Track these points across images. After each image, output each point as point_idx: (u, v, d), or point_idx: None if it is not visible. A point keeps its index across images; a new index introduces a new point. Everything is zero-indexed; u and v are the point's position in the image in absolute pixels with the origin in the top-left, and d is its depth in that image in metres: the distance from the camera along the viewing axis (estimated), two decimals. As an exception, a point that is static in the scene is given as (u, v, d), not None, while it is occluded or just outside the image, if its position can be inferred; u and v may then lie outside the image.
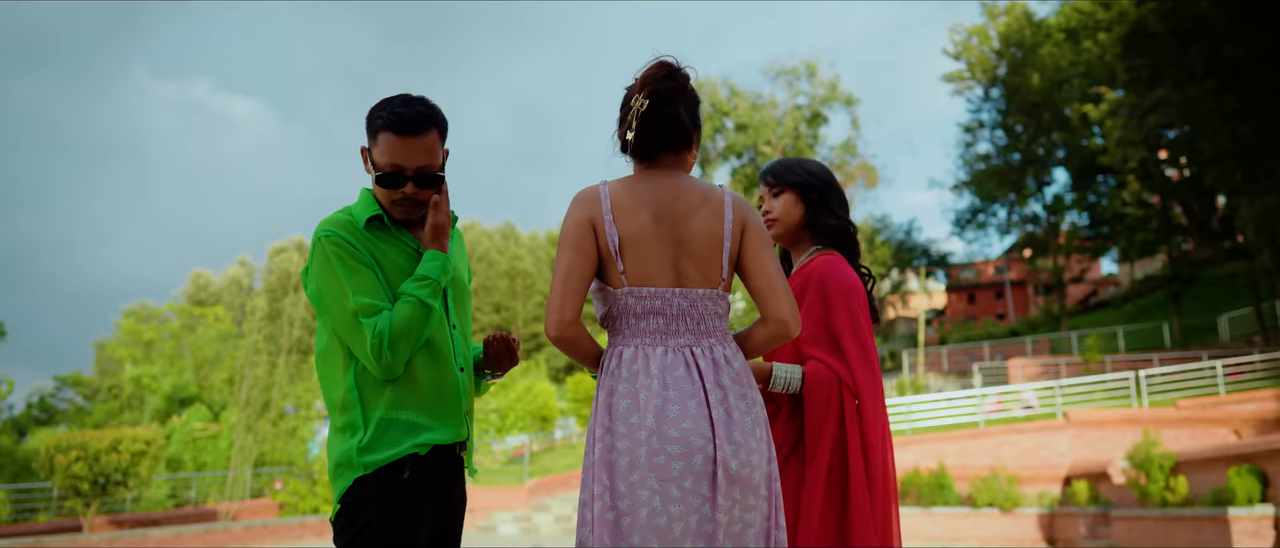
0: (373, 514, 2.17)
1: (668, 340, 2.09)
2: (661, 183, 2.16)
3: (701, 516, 1.95)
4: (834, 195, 2.69)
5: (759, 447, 2.04)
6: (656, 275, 2.10)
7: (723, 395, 2.05)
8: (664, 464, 1.96)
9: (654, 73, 2.15)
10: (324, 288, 2.26)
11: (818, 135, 53.83)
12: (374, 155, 2.32)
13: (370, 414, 2.23)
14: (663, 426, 1.98)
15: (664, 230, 2.11)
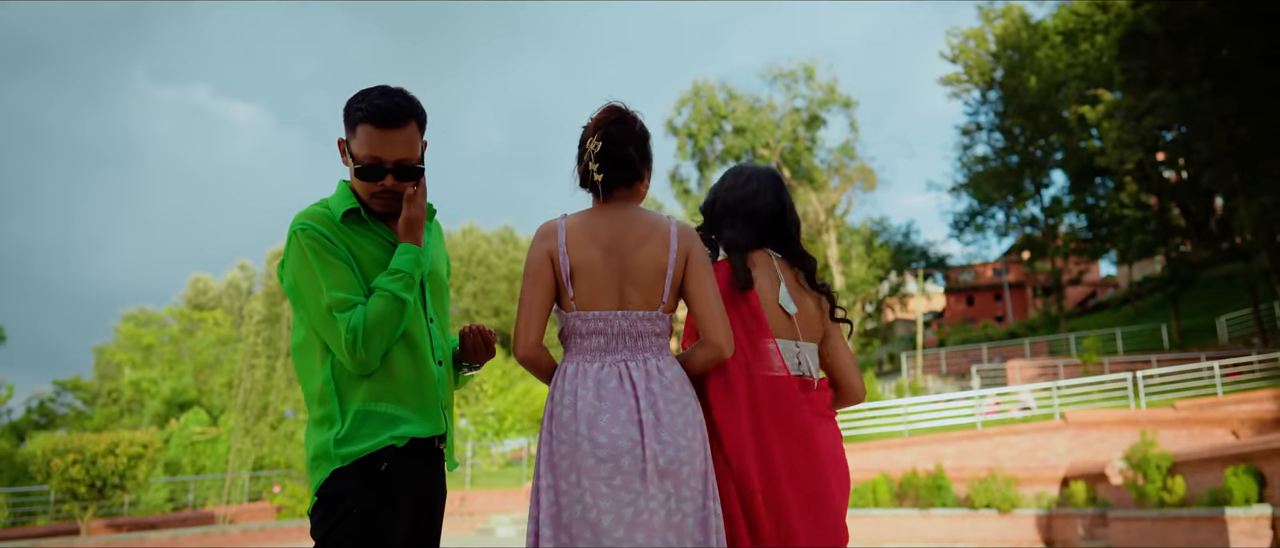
0: (349, 506, 2.16)
1: (606, 357, 2.34)
2: (614, 216, 2.40)
3: (635, 509, 2.19)
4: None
5: (689, 445, 2.26)
6: (601, 300, 2.35)
7: (653, 401, 2.28)
8: (593, 466, 2.21)
9: (605, 117, 2.40)
10: (299, 282, 2.25)
11: (816, 138, 53.87)
12: (352, 148, 2.31)
13: (347, 406, 2.23)
14: (593, 432, 2.24)
15: (613, 260, 2.36)
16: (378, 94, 2.29)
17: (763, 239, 2.67)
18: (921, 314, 42.75)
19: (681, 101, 54.31)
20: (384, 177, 2.30)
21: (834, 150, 53.79)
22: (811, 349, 2.62)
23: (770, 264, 2.64)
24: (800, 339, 2.58)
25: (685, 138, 54.48)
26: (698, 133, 53.73)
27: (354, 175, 2.33)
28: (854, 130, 52.75)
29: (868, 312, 57.09)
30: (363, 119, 2.26)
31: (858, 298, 52.67)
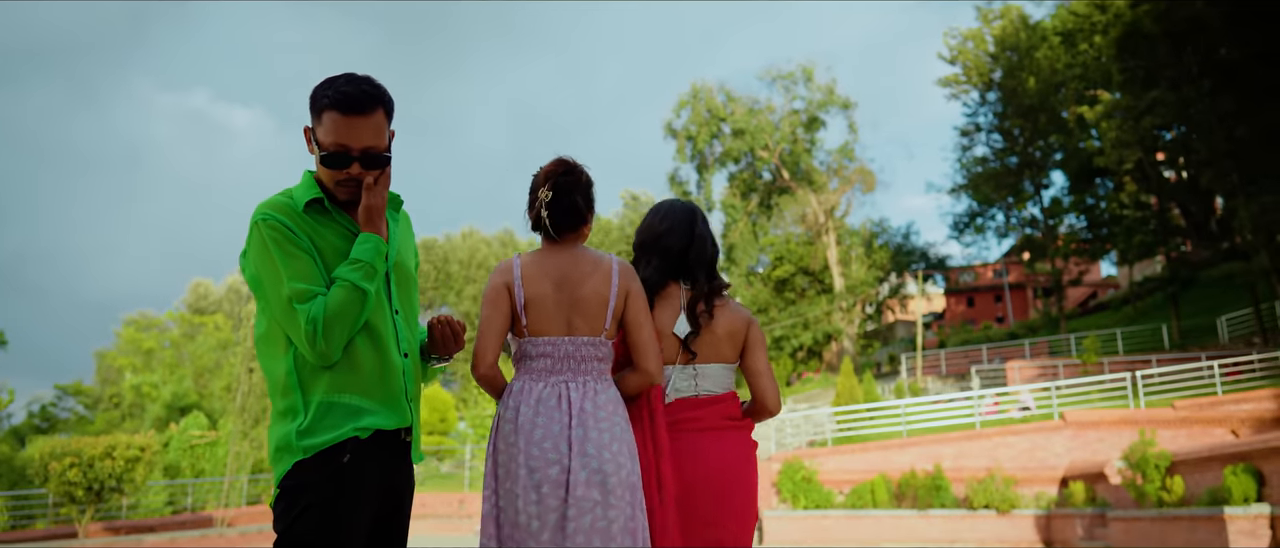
0: (311, 499, 2.14)
1: (550, 377, 2.59)
2: (562, 256, 2.69)
3: (560, 515, 2.44)
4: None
5: (615, 458, 2.51)
6: (550, 327, 2.61)
7: (584, 420, 2.53)
8: (525, 476, 2.47)
9: (556, 168, 2.70)
10: (261, 272, 2.23)
11: (815, 139, 53.86)
12: (318, 135, 2.27)
13: (310, 398, 2.20)
14: (529, 446, 2.49)
15: (562, 293, 2.63)
16: (345, 81, 2.26)
17: (675, 272, 2.91)
18: (921, 315, 42.70)
19: (680, 104, 54.32)
20: (350, 164, 2.27)
21: (833, 152, 53.78)
22: (715, 369, 2.88)
23: (676, 296, 2.90)
24: (697, 363, 2.86)
25: (684, 140, 54.49)
26: (697, 135, 53.74)
27: (320, 163, 2.29)
28: (853, 132, 52.78)
29: (868, 313, 57.05)
30: (329, 106, 2.23)
31: (857, 299, 52.65)
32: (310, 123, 2.31)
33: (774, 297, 55.43)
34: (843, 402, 20.72)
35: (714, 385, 2.88)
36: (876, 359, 49.48)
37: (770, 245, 55.77)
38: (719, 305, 2.90)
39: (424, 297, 79.20)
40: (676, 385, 2.85)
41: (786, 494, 15.97)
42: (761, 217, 56.59)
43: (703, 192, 56.43)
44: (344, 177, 2.29)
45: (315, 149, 2.30)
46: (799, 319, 52.76)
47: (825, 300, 52.55)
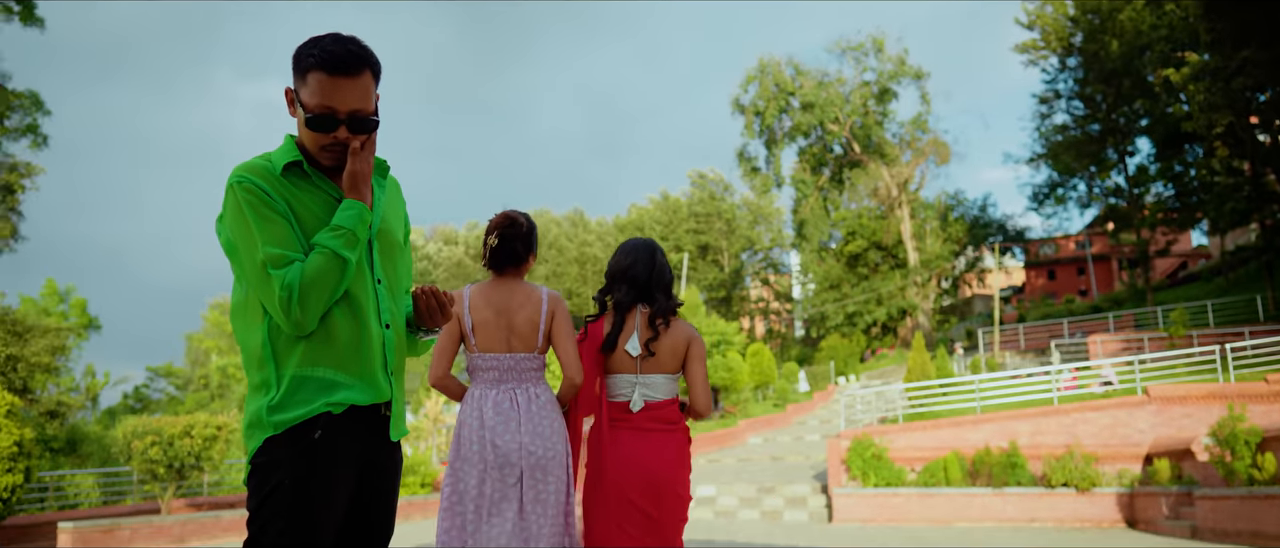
0: (282, 477, 2.04)
1: (500, 385, 3.33)
2: (503, 288, 3.42)
3: (517, 486, 3.21)
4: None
5: (551, 447, 3.25)
6: (495, 345, 3.34)
7: (530, 417, 3.27)
8: (492, 459, 3.22)
9: (500, 221, 3.41)
10: (236, 237, 2.11)
11: (887, 111, 52.83)
12: (303, 96, 2.14)
13: (283, 372, 2.10)
14: (495, 439, 3.23)
15: (502, 319, 3.36)
16: (331, 40, 2.13)
17: (641, 296, 3.61)
18: (999, 290, 41.55)
19: (748, 79, 53.76)
20: (336, 127, 2.15)
21: (905, 124, 52.73)
22: (658, 379, 3.55)
23: (633, 317, 3.58)
24: (640, 374, 3.54)
25: (752, 116, 53.95)
26: (765, 110, 53.12)
27: (303, 126, 2.17)
28: (925, 103, 51.67)
29: (944, 288, 55.93)
30: (315, 66, 2.10)
31: (933, 274, 51.59)
32: (293, 83, 2.18)
33: (846, 272, 54.68)
34: (914, 378, 20.26)
35: (656, 393, 3.54)
36: (953, 335, 48.45)
37: (842, 220, 54.95)
38: (670, 324, 3.58)
39: (497, 277, 80.00)
40: (624, 393, 3.54)
41: (856, 472, 15.68)
42: (832, 191, 55.77)
43: (772, 167, 55.85)
44: (329, 141, 2.17)
45: (299, 111, 2.17)
46: (872, 295, 51.96)
47: (899, 275, 51.63)
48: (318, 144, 2.18)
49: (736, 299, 69.92)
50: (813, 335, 59.77)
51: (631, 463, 3.44)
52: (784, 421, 30.05)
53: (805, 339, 63.63)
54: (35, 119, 24.09)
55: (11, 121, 22.85)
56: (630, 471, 3.44)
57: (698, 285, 66.59)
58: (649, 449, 3.47)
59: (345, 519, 2.18)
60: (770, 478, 18.14)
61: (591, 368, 3.51)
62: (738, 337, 30.40)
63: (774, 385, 35.40)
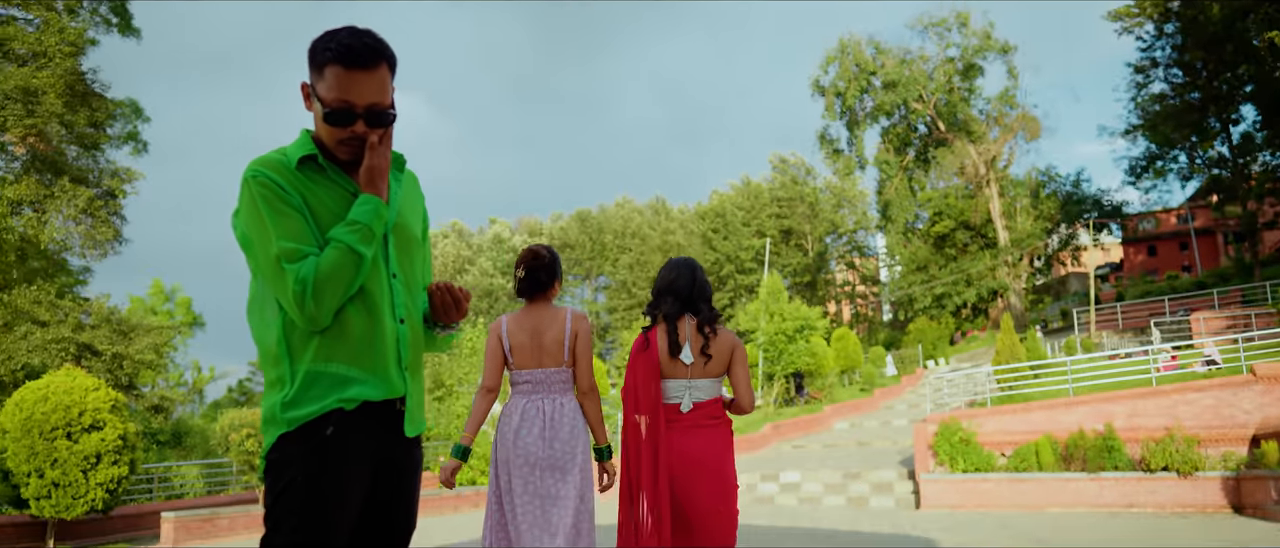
0: (295, 473, 2.05)
1: (531, 396, 3.93)
2: (533, 313, 4.03)
3: (536, 484, 3.79)
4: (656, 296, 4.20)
5: (569, 450, 3.83)
6: (529, 362, 3.94)
7: (554, 423, 3.85)
8: (518, 461, 3.82)
9: (526, 255, 4.07)
10: (250, 232, 2.11)
11: (973, 87, 51.44)
12: (320, 91, 2.14)
13: (297, 367, 2.10)
14: (518, 442, 3.84)
15: (534, 340, 3.95)
16: (347, 34, 2.13)
17: (686, 307, 4.05)
18: (1095, 268, 40.12)
19: (828, 60, 52.92)
20: (354, 121, 2.15)
21: (992, 99, 51.25)
22: (706, 383, 3.97)
23: (684, 327, 4.01)
24: (692, 379, 3.95)
25: (832, 97, 53.12)
26: (846, 91, 52.25)
27: (321, 120, 2.16)
28: (1013, 77, 50.13)
29: (1036, 267, 54.30)
30: (332, 60, 2.09)
31: (1024, 253, 50.12)
32: (309, 78, 2.17)
33: (933, 253, 53.51)
34: (1003, 360, 19.70)
35: (703, 395, 3.98)
36: (1047, 315, 47.00)
37: (928, 200, 53.75)
38: (716, 333, 4.00)
39: (580, 267, 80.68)
40: (677, 396, 3.95)
41: (943, 457, 15.34)
42: (917, 171, 54.59)
43: (854, 148, 54.95)
44: (347, 135, 2.16)
45: (315, 106, 2.17)
46: (960, 276, 50.74)
47: (989, 255, 50.31)
48: (335, 138, 2.18)
49: (821, 283, 69.10)
50: (900, 319, 58.73)
51: (685, 457, 3.89)
52: (871, 405, 29.61)
53: (893, 323, 62.56)
54: (135, 127, 25.14)
55: (113, 130, 23.90)
56: (684, 463, 3.89)
57: (781, 271, 66.06)
58: (699, 444, 3.92)
59: (364, 515, 2.18)
60: (856, 464, 17.90)
61: (650, 374, 3.92)
62: (821, 322, 30.01)
63: (860, 370, 34.89)
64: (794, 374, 29.24)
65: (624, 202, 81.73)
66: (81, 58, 20.96)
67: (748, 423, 24.74)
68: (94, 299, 22.38)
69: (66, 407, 11.96)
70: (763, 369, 28.62)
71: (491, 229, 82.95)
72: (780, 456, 20.95)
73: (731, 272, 66.00)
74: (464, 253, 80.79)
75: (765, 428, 23.12)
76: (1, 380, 19.02)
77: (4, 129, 18.87)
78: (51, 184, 20.19)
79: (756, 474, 17.44)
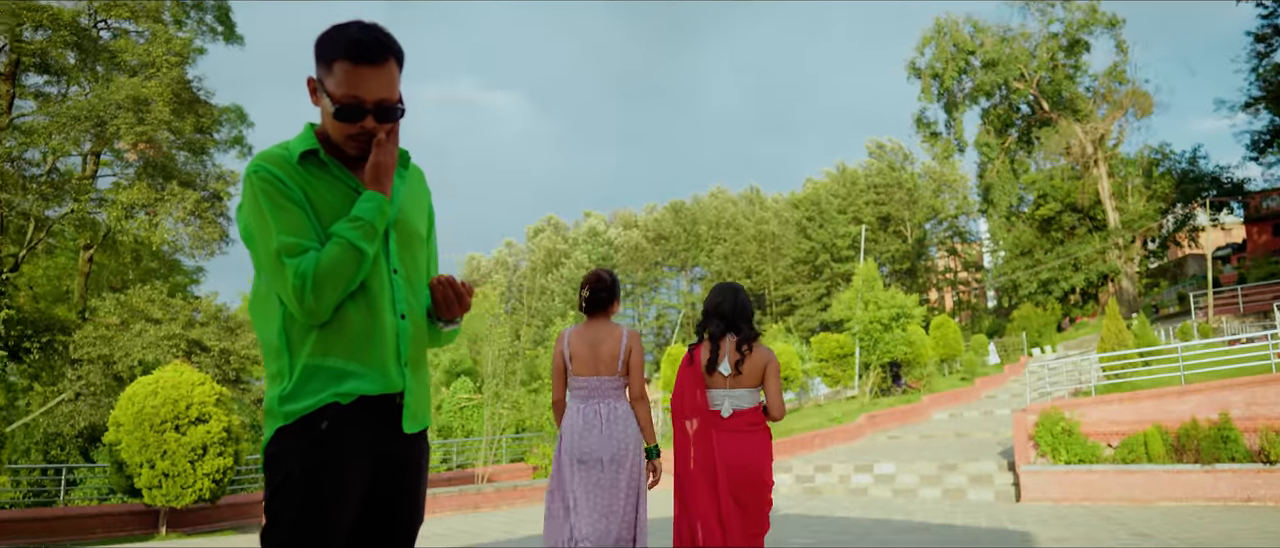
0: (292, 467, 2.04)
1: (589, 400, 4.58)
2: (593, 328, 4.68)
3: (595, 477, 4.41)
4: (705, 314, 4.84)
5: (623, 447, 4.48)
6: (586, 370, 4.59)
7: (610, 425, 4.49)
8: (577, 457, 4.46)
9: (590, 278, 4.72)
10: (252, 226, 2.10)
11: (1078, 64, 49.42)
12: (329, 86, 2.12)
13: (296, 361, 2.09)
14: (578, 442, 4.48)
15: (592, 351, 4.59)
16: (357, 28, 2.11)
17: (730, 327, 4.65)
18: (1213, 249, 38.12)
19: (923, 41, 51.55)
20: (364, 117, 2.14)
21: (1099, 76, 49.16)
22: (744, 392, 4.55)
23: (725, 344, 4.61)
24: (730, 388, 4.55)
25: (929, 79, 51.74)
26: (943, 72, 50.81)
27: (331, 116, 2.15)
28: (1122, 52, 47.93)
29: (1150, 249, 51.92)
30: (341, 55, 2.09)
31: (1136, 235, 47.94)
32: (315, 73, 2.17)
33: (1038, 237, 51.68)
34: (1109, 347, 18.84)
35: (741, 403, 4.56)
36: (1162, 300, 44.86)
37: (1032, 183, 51.89)
38: (752, 348, 4.58)
39: (675, 258, 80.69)
40: (718, 403, 4.56)
41: (1045, 448, 14.76)
42: (1020, 152, 52.74)
43: (953, 131, 53.40)
44: (356, 130, 2.15)
45: (324, 101, 2.16)
46: (1068, 260, 48.87)
47: (1098, 238, 48.32)
48: (344, 134, 2.17)
49: (921, 270, 67.56)
50: (1004, 305, 56.94)
51: (726, 456, 4.47)
52: (972, 395, 28.79)
53: (997, 310, 60.73)
54: (241, 131, 26.19)
55: (220, 135, 24.93)
56: (725, 462, 4.46)
57: (880, 258, 64.80)
58: (739, 445, 4.51)
59: (366, 510, 2.17)
60: (954, 455, 17.41)
61: (695, 384, 4.60)
62: (918, 310, 29.29)
63: (961, 359, 33.96)
64: (890, 364, 28.62)
65: (718, 192, 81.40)
66: (187, 66, 21.94)
67: (843, 413, 24.37)
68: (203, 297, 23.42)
69: (174, 401, 12.52)
70: (859, 359, 28.11)
71: (586, 222, 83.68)
72: (875, 446, 20.54)
73: (827, 260, 65.08)
74: (560, 246, 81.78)
75: (861, 419, 22.70)
76: (119, 375, 20.12)
77: (117, 137, 19.94)
78: (162, 188, 21.21)
79: (850, 465, 17.14)
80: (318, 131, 2.23)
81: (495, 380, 20.48)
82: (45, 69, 20.50)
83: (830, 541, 9.91)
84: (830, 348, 28.35)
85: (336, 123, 2.15)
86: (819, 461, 18.19)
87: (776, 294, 69.63)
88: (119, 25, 22.08)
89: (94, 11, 21.25)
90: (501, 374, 20.62)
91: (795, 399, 33.26)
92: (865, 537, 10.14)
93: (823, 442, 20.53)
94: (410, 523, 2.27)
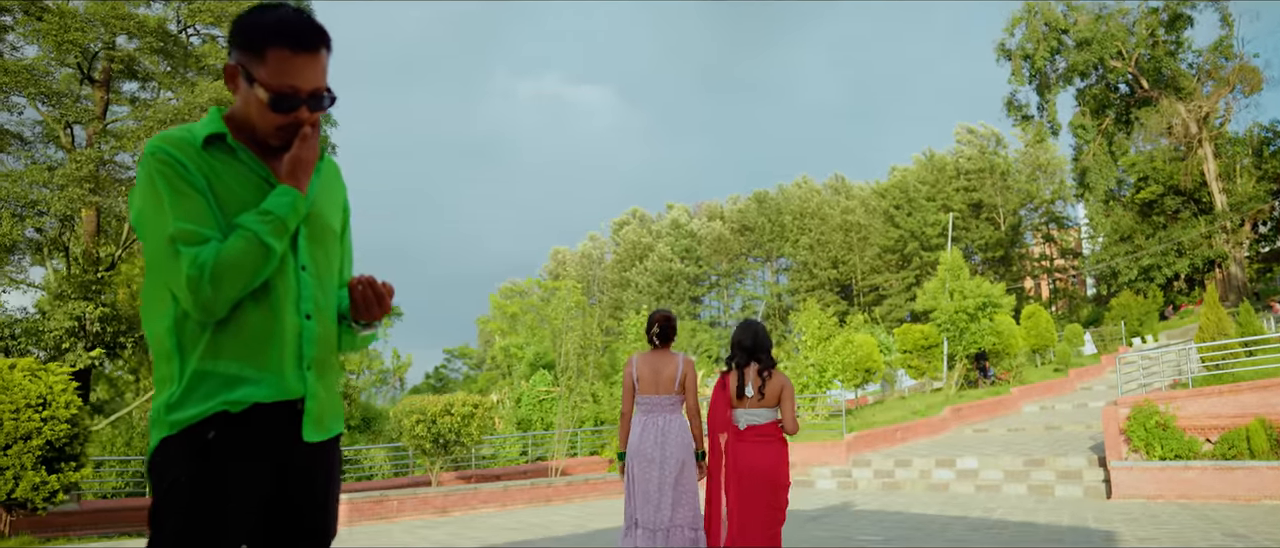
0: (177, 477, 1.90)
1: (650, 413, 5.65)
2: (657, 356, 5.75)
3: (654, 476, 5.51)
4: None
5: (676, 453, 5.55)
6: (649, 390, 5.67)
7: (666, 435, 5.56)
8: (643, 462, 5.54)
9: (656, 316, 5.79)
10: (146, 210, 1.93)
11: (1181, 40, 47.13)
12: (260, 74, 1.97)
13: (186, 365, 1.93)
14: (642, 448, 5.58)
15: (656, 375, 5.66)
16: (290, 13, 1.98)
17: (750, 358, 5.57)
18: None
19: (1013, 22, 49.84)
20: (299, 107, 2.00)
21: (1204, 51, 46.79)
22: (762, 411, 5.51)
23: (749, 372, 5.53)
24: (751, 407, 5.50)
25: (1020, 61, 50.00)
26: (1034, 53, 49.06)
27: (264, 106, 2.00)
28: (1227, 25, 45.52)
29: (1261, 233, 49.27)
30: (277, 42, 1.95)
31: (1246, 218, 45.52)
32: (237, 58, 2.00)
33: (1139, 222, 49.54)
34: (1208, 336, 17.85)
35: (759, 420, 5.52)
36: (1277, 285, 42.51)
37: (1131, 165, 49.73)
38: (771, 375, 5.54)
39: (760, 250, 79.91)
40: (741, 420, 5.52)
41: (1138, 442, 14.05)
42: (1118, 134, 50.58)
43: (1046, 114, 51.55)
44: (289, 121, 2.02)
45: (254, 90, 2.00)
46: (1170, 245, 46.71)
47: (1203, 222, 46.08)
48: (274, 125, 2.03)
49: (1015, 258, 65.53)
50: (1103, 293, 54.80)
51: (749, 463, 5.47)
52: (1065, 387, 27.73)
53: (1096, 298, 58.50)
54: (324, 130, 26.79)
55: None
56: (749, 468, 5.46)
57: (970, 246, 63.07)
58: (758, 454, 5.49)
59: (271, 523, 2.04)
60: (1042, 449, 16.76)
61: (726, 405, 5.60)
62: (1006, 298, 28.32)
63: (1054, 349, 32.77)
64: (977, 355, 27.76)
65: (803, 182, 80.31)
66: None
67: (927, 406, 23.74)
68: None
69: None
70: (946, 350, 27.34)
71: (669, 214, 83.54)
72: (960, 440, 19.92)
73: (916, 249, 63.66)
74: (645, 239, 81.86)
75: (945, 411, 22.05)
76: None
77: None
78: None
79: (931, 460, 16.64)
80: (226, 116, 2.08)
81: (568, 374, 20.53)
82: (132, 75, 21.28)
83: (902, 538, 9.59)
84: (914, 339, 27.64)
85: (269, 113, 2.01)
86: (899, 455, 17.72)
87: (864, 284, 68.41)
88: (207, 31, 22.83)
89: (181, 18, 21.99)
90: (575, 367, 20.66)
91: (878, 391, 32.57)
92: (939, 535, 9.78)
93: (904, 436, 20.00)
94: (319, 536, 2.13)
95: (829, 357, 23.29)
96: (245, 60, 1.99)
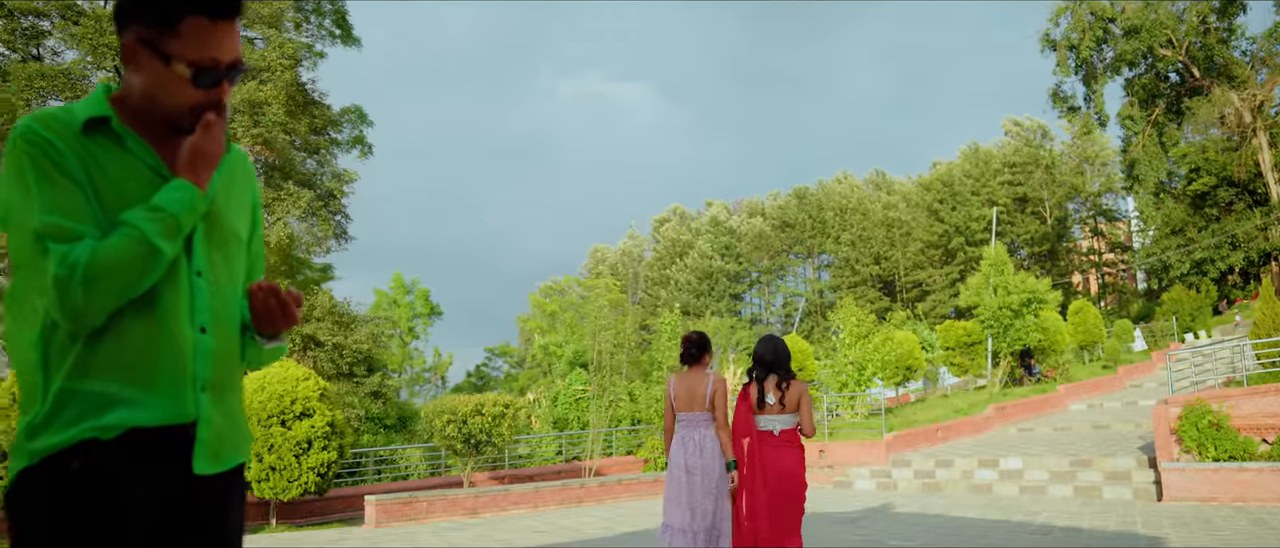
0: (36, 516, 1.63)
1: (688, 430, 6.15)
2: (691, 375, 6.19)
3: (690, 486, 6.01)
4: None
5: (711, 464, 6.04)
6: (684, 407, 6.17)
7: (700, 448, 6.07)
8: (679, 473, 6.09)
9: (689, 337, 6.24)
10: (11, 200, 1.67)
11: (1233, 26, 45.78)
12: (174, 48, 1.72)
13: (51, 383, 1.66)
14: (680, 459, 6.11)
15: (690, 393, 6.14)
16: None
17: (771, 370, 6.18)
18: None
19: (1058, 11, 48.72)
20: (221, 82, 1.78)
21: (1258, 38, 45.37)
22: (782, 417, 6.11)
23: (769, 383, 6.15)
24: (772, 414, 6.11)
25: (1065, 51, 48.86)
26: (1080, 43, 47.92)
27: (186, 83, 1.75)
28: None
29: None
30: (193, 10, 1.71)
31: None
32: (141, 31, 1.74)
33: (1191, 214, 48.26)
34: (1264, 332, 17.17)
35: (780, 425, 6.10)
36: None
37: (1182, 156, 48.42)
38: (790, 384, 6.13)
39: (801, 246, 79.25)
40: (763, 426, 6.10)
41: (1190, 443, 13.52)
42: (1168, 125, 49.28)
43: (1093, 105, 50.32)
44: (211, 98, 1.78)
45: (169, 67, 1.74)
46: (1224, 238, 45.43)
47: (1259, 214, 44.76)
48: (192, 103, 1.77)
49: (1062, 252, 64.25)
50: (1154, 288, 53.49)
51: (770, 465, 6.06)
52: (1114, 384, 27.00)
53: (1146, 293, 57.13)
54: (361, 131, 26.89)
55: (341, 135, 25.66)
56: (770, 469, 6.04)
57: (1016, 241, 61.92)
58: (778, 456, 6.07)
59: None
60: (1089, 449, 16.23)
61: (748, 413, 6.16)
62: (1052, 294, 27.62)
63: (1102, 346, 31.96)
64: (1022, 351, 27.11)
65: (843, 177, 79.41)
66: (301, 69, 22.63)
67: (970, 404, 23.22)
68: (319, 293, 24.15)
69: (280, 396, 12.82)
70: (990, 347, 26.74)
71: (708, 211, 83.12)
72: (1004, 439, 19.39)
73: (960, 243, 62.68)
74: (684, 236, 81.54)
75: (989, 410, 21.52)
76: (242, 372, 20.96)
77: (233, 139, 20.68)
78: (280, 188, 21.98)
79: (974, 460, 16.19)
80: (115, 97, 1.81)
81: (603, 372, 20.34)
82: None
83: (938, 542, 9.26)
84: (957, 336, 27.06)
85: (190, 89, 1.76)
86: (941, 455, 17.28)
87: (907, 280, 67.52)
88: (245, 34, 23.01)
89: (216, 20, 22.15)
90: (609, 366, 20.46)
91: (920, 389, 31.97)
92: (978, 540, 9.42)
93: (945, 434, 19.53)
94: None
95: (868, 354, 22.84)
96: (153, 36, 1.74)
